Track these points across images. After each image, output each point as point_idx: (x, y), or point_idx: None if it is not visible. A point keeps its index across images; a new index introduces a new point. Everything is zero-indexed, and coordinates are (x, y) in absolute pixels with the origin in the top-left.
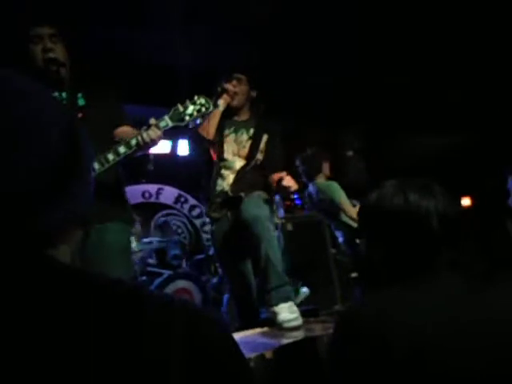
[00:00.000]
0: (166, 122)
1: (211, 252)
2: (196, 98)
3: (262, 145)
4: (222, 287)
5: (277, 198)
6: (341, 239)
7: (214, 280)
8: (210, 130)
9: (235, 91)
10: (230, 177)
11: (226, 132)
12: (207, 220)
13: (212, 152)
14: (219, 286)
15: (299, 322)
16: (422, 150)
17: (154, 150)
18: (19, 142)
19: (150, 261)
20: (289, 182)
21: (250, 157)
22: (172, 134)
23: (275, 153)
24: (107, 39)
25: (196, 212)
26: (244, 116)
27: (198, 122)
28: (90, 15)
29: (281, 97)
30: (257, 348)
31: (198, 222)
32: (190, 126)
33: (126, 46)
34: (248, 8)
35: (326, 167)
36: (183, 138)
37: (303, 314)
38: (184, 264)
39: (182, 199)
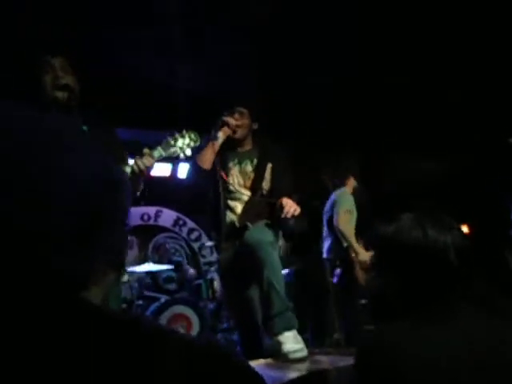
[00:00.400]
0: (160, 152)
1: (209, 277)
2: (184, 131)
3: (267, 174)
4: (220, 314)
5: None
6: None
7: (212, 306)
8: (206, 160)
9: (237, 124)
10: (239, 207)
11: (231, 164)
12: (205, 244)
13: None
14: (217, 312)
15: (304, 353)
16: (421, 176)
17: (154, 173)
18: (54, 183)
19: (147, 285)
20: (289, 206)
21: (255, 188)
22: (172, 158)
23: (281, 180)
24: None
25: (194, 235)
26: (247, 147)
27: (189, 153)
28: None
29: (283, 121)
30: None
31: (195, 246)
32: (182, 157)
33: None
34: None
35: (351, 182)
36: (184, 161)
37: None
38: (181, 288)
39: (181, 222)
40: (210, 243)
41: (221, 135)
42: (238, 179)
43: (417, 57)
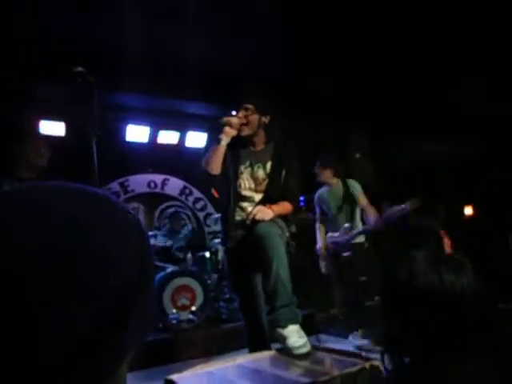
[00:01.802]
0: None
1: (213, 248)
2: None
3: (281, 180)
4: (223, 284)
5: None
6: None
7: (215, 276)
8: (213, 165)
9: (242, 122)
10: (249, 208)
11: (242, 168)
12: (210, 212)
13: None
14: (220, 283)
15: (308, 348)
16: (428, 156)
17: (161, 140)
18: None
19: (154, 254)
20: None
21: (268, 192)
22: (181, 126)
23: (293, 186)
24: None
25: (200, 205)
26: (260, 145)
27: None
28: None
29: (292, 95)
30: (268, 383)
31: (201, 215)
32: None
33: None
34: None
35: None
36: (192, 129)
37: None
38: (189, 259)
39: (187, 191)
40: (216, 215)
41: (224, 138)
42: (249, 183)
43: (424, 64)
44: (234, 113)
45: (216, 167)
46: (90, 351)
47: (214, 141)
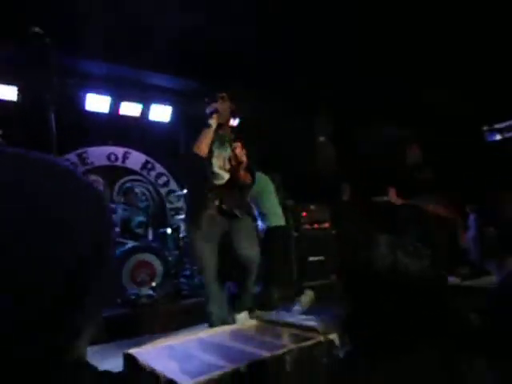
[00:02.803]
0: None
1: (175, 225)
2: None
3: (240, 156)
4: (183, 260)
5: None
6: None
7: (176, 253)
8: (204, 147)
9: (222, 109)
10: (221, 187)
11: (213, 147)
12: (172, 189)
13: None
14: (181, 260)
15: None
16: (387, 140)
17: (123, 112)
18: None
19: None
20: None
21: (233, 171)
22: (144, 98)
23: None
24: None
25: (162, 180)
26: (226, 129)
27: None
28: None
29: (259, 75)
30: (229, 356)
31: (163, 191)
32: None
33: None
34: None
35: None
36: (156, 102)
37: None
38: (149, 234)
39: (149, 166)
40: (179, 192)
41: (213, 122)
42: (218, 162)
43: (389, 51)
44: (206, 99)
45: (206, 149)
46: (40, 327)
47: (204, 125)
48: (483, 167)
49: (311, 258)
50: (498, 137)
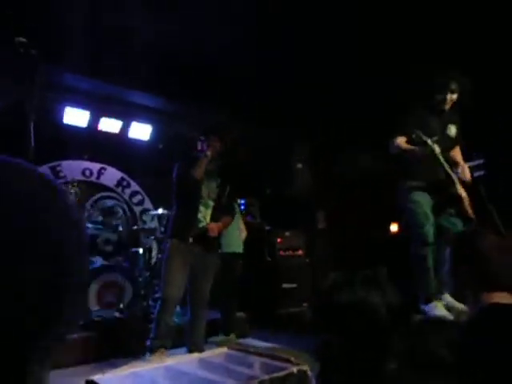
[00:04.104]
0: None
1: (147, 244)
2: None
3: (226, 192)
4: (153, 282)
5: None
6: None
7: (147, 274)
8: (200, 173)
9: (216, 146)
10: (206, 212)
11: (203, 177)
12: (147, 208)
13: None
14: (151, 281)
15: None
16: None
17: (102, 127)
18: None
19: None
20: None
21: (218, 201)
22: (125, 115)
23: (232, 200)
24: None
25: (137, 199)
26: (213, 164)
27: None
28: None
29: (239, 104)
30: None
31: (137, 210)
32: None
33: None
34: None
35: None
36: (137, 120)
37: None
38: (118, 254)
39: (125, 183)
40: (153, 212)
41: (209, 154)
42: (206, 190)
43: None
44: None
45: (201, 175)
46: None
47: (201, 155)
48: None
49: (284, 285)
50: None
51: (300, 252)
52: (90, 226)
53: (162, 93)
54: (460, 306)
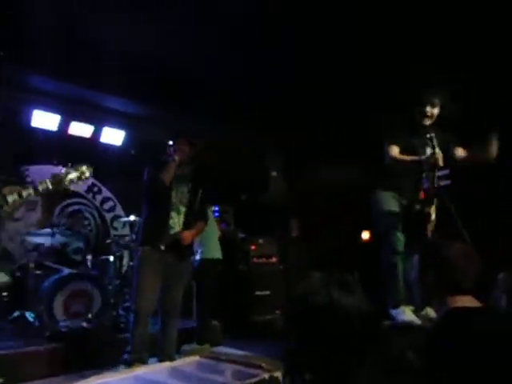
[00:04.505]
0: (47, 184)
1: (118, 253)
2: (79, 166)
3: (198, 197)
4: (124, 291)
5: None
6: None
7: (117, 283)
8: (168, 178)
9: (184, 151)
10: (177, 217)
11: (173, 182)
12: (118, 214)
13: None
14: (121, 290)
15: None
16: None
17: (73, 132)
18: None
19: (49, 254)
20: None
21: (189, 206)
22: (96, 119)
23: (205, 205)
24: None
25: (108, 205)
26: (184, 169)
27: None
28: None
29: (214, 111)
30: None
31: (108, 216)
32: (70, 190)
33: None
34: None
35: None
36: (109, 125)
37: None
38: (88, 261)
39: (96, 189)
40: (125, 218)
41: (178, 159)
42: (176, 195)
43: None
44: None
45: (169, 180)
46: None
47: (170, 159)
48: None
49: (258, 292)
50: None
51: (274, 259)
52: (57, 233)
53: (135, 98)
54: (428, 311)
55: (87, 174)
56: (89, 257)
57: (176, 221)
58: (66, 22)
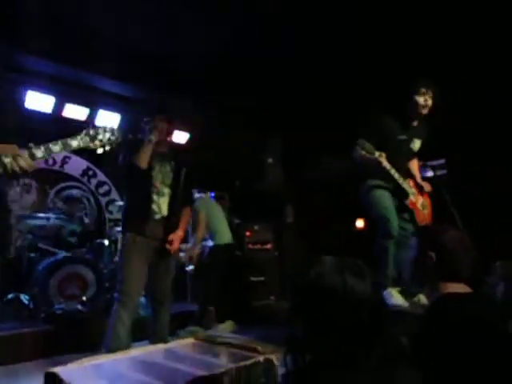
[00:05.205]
0: (78, 142)
1: (114, 236)
2: (108, 127)
3: (182, 177)
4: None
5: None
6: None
7: (112, 266)
8: (144, 160)
9: (161, 128)
10: (161, 200)
11: (153, 163)
12: (114, 198)
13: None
14: (116, 274)
15: None
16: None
17: (67, 114)
18: None
19: (44, 237)
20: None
21: (174, 187)
22: (91, 102)
23: (190, 186)
24: None
25: (103, 189)
26: (163, 148)
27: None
28: None
29: (210, 98)
30: (163, 376)
31: (103, 200)
32: (100, 152)
33: None
34: None
35: None
36: (104, 108)
37: None
38: (83, 245)
39: (90, 172)
40: (120, 202)
41: (153, 137)
42: (159, 176)
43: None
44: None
45: (146, 161)
46: None
47: (145, 139)
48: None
49: (252, 278)
50: (430, 174)
51: (268, 246)
52: (53, 216)
53: (131, 80)
54: (420, 297)
55: (117, 137)
56: (84, 241)
57: (160, 204)
58: (60, 3)
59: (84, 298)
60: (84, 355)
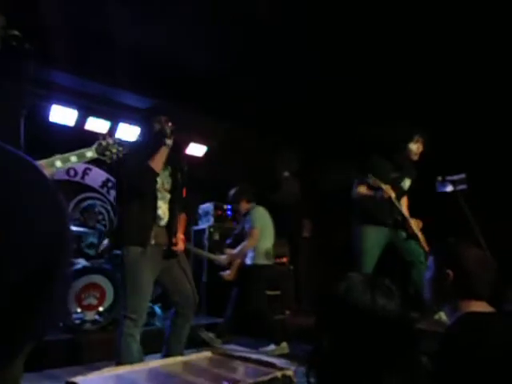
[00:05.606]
0: (92, 153)
1: None
2: (116, 138)
3: (179, 181)
4: None
5: (209, 207)
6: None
7: None
8: (160, 164)
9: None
10: (163, 207)
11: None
12: None
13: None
14: None
15: None
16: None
17: (89, 127)
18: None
19: None
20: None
21: (172, 191)
22: (113, 115)
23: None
24: None
25: None
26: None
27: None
28: None
29: (229, 110)
30: None
31: None
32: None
33: None
34: None
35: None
36: (125, 121)
37: None
38: (101, 256)
39: (110, 184)
40: None
41: (170, 143)
42: (161, 181)
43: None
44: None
45: (161, 166)
46: None
47: (160, 143)
48: (434, 216)
49: (268, 292)
50: (450, 188)
51: (284, 259)
52: (73, 228)
53: (151, 94)
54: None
55: (122, 149)
56: (102, 251)
57: (163, 210)
58: (81, 19)
59: (101, 309)
60: (102, 364)
